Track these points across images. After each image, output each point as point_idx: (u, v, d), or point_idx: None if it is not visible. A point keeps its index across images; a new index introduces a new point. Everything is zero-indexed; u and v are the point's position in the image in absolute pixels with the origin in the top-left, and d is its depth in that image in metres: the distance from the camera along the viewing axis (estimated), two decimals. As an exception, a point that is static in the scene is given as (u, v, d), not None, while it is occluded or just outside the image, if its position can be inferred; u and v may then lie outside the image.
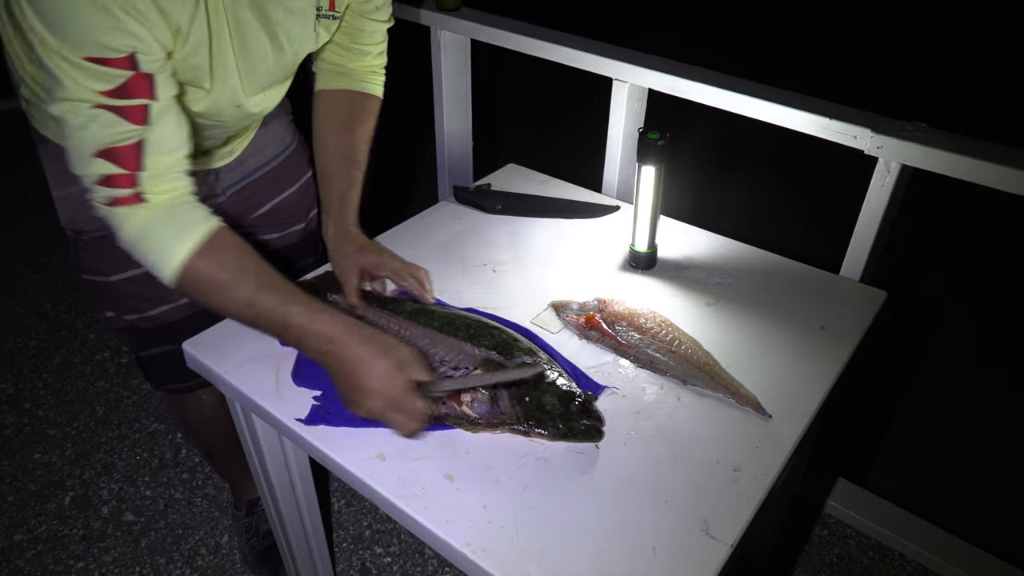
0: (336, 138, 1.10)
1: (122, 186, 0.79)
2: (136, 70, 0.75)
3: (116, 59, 0.74)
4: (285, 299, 0.83)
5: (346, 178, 1.07)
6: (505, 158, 1.49)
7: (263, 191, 1.24)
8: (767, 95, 1.26)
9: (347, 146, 1.09)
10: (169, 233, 0.82)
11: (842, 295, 1.11)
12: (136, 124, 0.77)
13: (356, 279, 1.03)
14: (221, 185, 1.18)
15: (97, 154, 0.77)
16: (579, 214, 1.31)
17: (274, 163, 1.24)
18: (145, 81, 0.77)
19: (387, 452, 0.85)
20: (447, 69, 1.75)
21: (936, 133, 1.15)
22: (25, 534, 1.62)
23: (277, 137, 1.24)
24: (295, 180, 1.29)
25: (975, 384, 2.07)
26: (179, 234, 0.82)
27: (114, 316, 1.15)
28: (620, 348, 0.99)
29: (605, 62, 1.43)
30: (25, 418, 1.91)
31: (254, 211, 1.25)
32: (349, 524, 1.63)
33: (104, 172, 0.78)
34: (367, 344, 0.82)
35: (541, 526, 0.76)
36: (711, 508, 0.78)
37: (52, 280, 2.43)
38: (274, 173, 1.25)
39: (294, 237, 1.32)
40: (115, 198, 0.80)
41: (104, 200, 0.80)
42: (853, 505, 1.61)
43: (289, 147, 1.27)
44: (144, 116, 0.78)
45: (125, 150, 0.78)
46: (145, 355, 1.22)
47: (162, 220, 0.82)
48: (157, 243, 0.82)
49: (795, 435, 0.87)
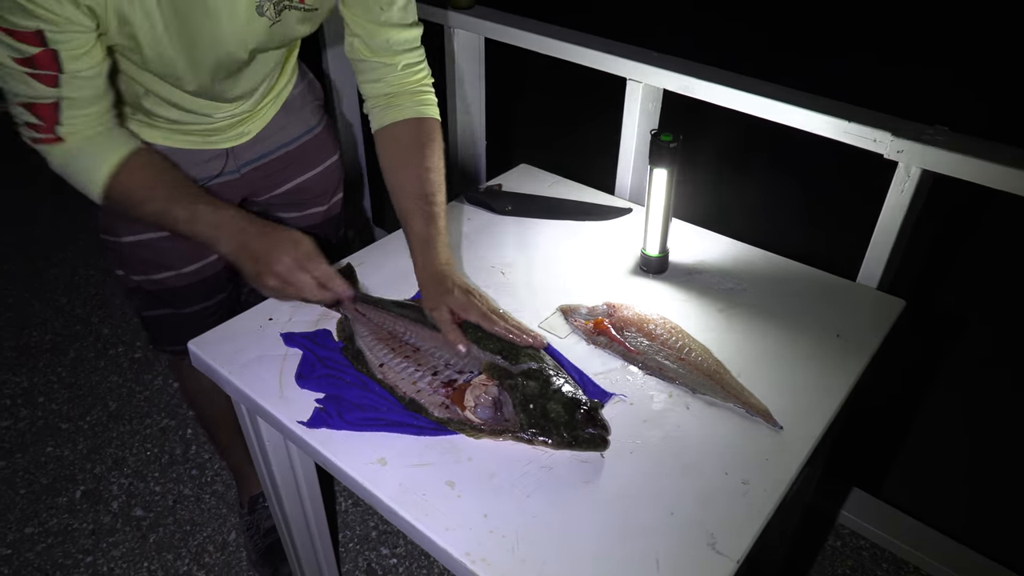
0: (402, 176, 1.05)
1: (43, 132, 0.89)
2: (44, 46, 0.82)
3: (24, 33, 0.80)
4: (195, 201, 0.95)
5: (423, 216, 1.01)
6: (520, 157, 1.48)
7: (283, 171, 1.25)
8: (784, 97, 1.24)
9: (415, 182, 1.04)
10: (90, 159, 0.93)
11: (859, 303, 1.09)
12: (48, 87, 0.85)
13: (448, 316, 0.96)
14: (236, 162, 1.19)
15: (20, 104, 0.87)
16: (590, 216, 1.30)
17: (295, 144, 1.25)
18: (51, 56, 0.83)
19: (388, 457, 0.84)
20: (460, 68, 1.74)
21: (958, 137, 1.12)
22: (36, 527, 1.63)
23: (300, 120, 1.24)
24: (319, 163, 1.29)
25: (994, 395, 2.03)
26: (99, 159, 0.93)
27: (123, 275, 1.21)
28: (629, 354, 0.97)
29: (619, 61, 1.41)
30: (39, 411, 1.93)
31: (272, 189, 1.26)
32: (356, 524, 1.62)
33: (26, 120, 0.88)
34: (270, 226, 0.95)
35: (543, 537, 0.75)
36: (718, 521, 0.76)
37: (69, 275, 2.46)
38: (295, 154, 1.25)
39: (316, 218, 1.33)
40: (36, 139, 0.90)
41: (28, 138, 0.91)
42: (868, 516, 1.58)
43: (313, 130, 1.27)
44: (54, 82, 0.85)
45: (43, 107, 0.87)
46: (148, 315, 1.27)
47: (82, 150, 0.93)
48: (81, 170, 0.94)
49: (807, 447, 0.84)
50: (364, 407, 0.89)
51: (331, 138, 1.32)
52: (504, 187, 1.36)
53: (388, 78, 1.07)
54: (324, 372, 0.95)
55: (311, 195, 1.30)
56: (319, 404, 0.90)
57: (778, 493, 0.79)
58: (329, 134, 1.31)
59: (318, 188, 1.30)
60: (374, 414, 0.88)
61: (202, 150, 1.14)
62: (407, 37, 1.06)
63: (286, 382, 0.95)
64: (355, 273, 1.14)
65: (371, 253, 1.21)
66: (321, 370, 0.95)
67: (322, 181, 1.31)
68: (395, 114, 1.07)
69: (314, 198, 1.31)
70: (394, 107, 1.08)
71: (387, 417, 0.88)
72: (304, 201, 1.30)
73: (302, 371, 0.95)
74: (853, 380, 0.94)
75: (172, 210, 0.94)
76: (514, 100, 3.69)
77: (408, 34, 1.06)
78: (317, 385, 0.93)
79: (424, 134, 1.07)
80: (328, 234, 1.36)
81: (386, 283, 1.12)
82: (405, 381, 0.91)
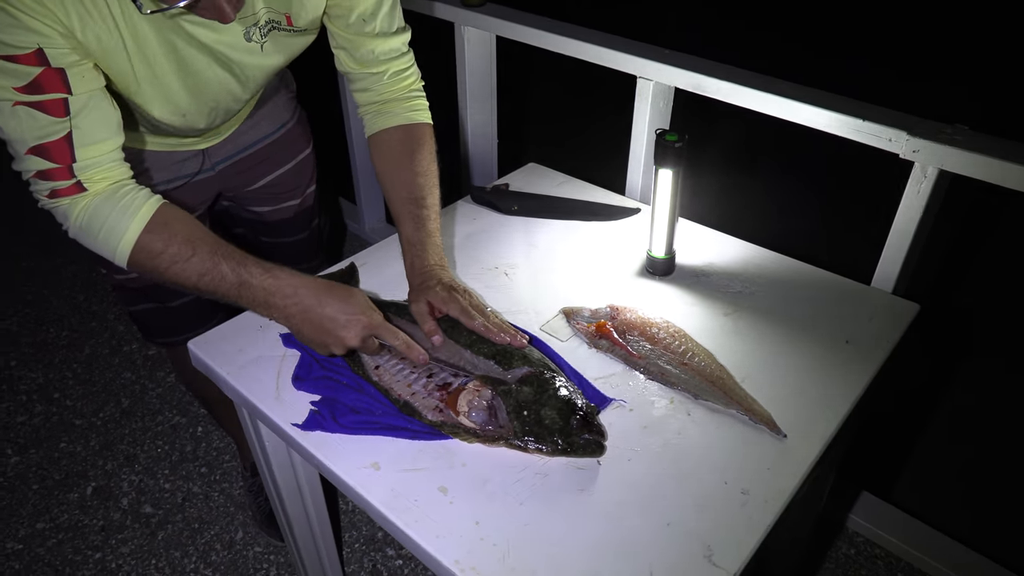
0: (394, 180, 1.05)
1: (60, 179, 0.83)
2: (46, 65, 0.78)
3: (23, 55, 0.76)
4: (240, 262, 0.88)
5: (412, 220, 1.01)
6: (532, 155, 1.46)
7: (257, 167, 1.25)
8: (797, 95, 1.20)
9: (405, 186, 1.04)
10: (116, 214, 0.85)
11: (871, 307, 1.05)
12: (57, 117, 0.80)
13: (425, 308, 0.95)
14: (211, 160, 1.19)
15: (29, 151, 0.81)
16: (597, 216, 1.27)
17: (268, 140, 1.25)
18: (57, 76, 0.79)
19: (382, 461, 0.82)
20: (471, 66, 1.72)
21: (979, 136, 1.08)
22: (47, 523, 1.64)
23: (273, 115, 1.24)
24: (291, 157, 1.29)
25: (1010, 402, 1.97)
26: (125, 214, 0.86)
27: (106, 273, 1.21)
28: (630, 359, 0.95)
29: (629, 59, 1.38)
30: (53, 407, 1.95)
31: (246, 185, 1.26)
32: (362, 525, 1.62)
33: (39, 167, 0.82)
34: (327, 289, 0.89)
35: (534, 546, 0.73)
36: (715, 533, 0.74)
37: (87, 272, 2.48)
38: (268, 150, 1.25)
39: (288, 212, 1.33)
40: (55, 190, 0.83)
41: (45, 193, 0.84)
42: (882, 524, 1.54)
43: (286, 124, 1.27)
44: (64, 109, 0.80)
45: (55, 145, 0.81)
46: (134, 310, 1.27)
47: (106, 203, 0.86)
48: (105, 225, 0.86)
49: (810, 457, 0.82)
50: (359, 410, 0.88)
51: (304, 131, 1.32)
52: (512, 186, 1.34)
53: (376, 87, 1.07)
54: (321, 374, 0.94)
55: (285, 189, 1.30)
56: (314, 407, 0.89)
57: (779, 504, 0.77)
58: (302, 128, 1.31)
59: (292, 182, 1.31)
60: (369, 417, 0.87)
61: (177, 151, 1.14)
62: (392, 46, 1.04)
63: (283, 384, 0.94)
64: (357, 273, 1.14)
65: (373, 254, 1.20)
66: (318, 371, 0.94)
67: (296, 175, 1.31)
68: (385, 121, 1.08)
69: (288, 192, 1.31)
70: (384, 114, 1.08)
71: (381, 421, 0.86)
72: (278, 195, 1.31)
73: (299, 372, 0.95)
74: (861, 388, 0.91)
75: (220, 266, 0.87)
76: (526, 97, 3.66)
77: (393, 42, 1.04)
78: (314, 387, 0.93)
79: (413, 139, 1.07)
80: (301, 224, 1.37)
81: (388, 284, 1.11)
82: (400, 383, 0.89)
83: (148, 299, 1.23)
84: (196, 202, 1.21)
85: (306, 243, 1.40)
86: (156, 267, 0.87)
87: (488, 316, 0.94)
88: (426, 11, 1.68)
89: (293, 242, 1.38)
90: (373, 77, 1.06)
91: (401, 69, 1.07)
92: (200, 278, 0.87)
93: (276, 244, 1.37)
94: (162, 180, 1.14)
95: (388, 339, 0.90)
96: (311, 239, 1.41)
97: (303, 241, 1.39)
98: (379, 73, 1.06)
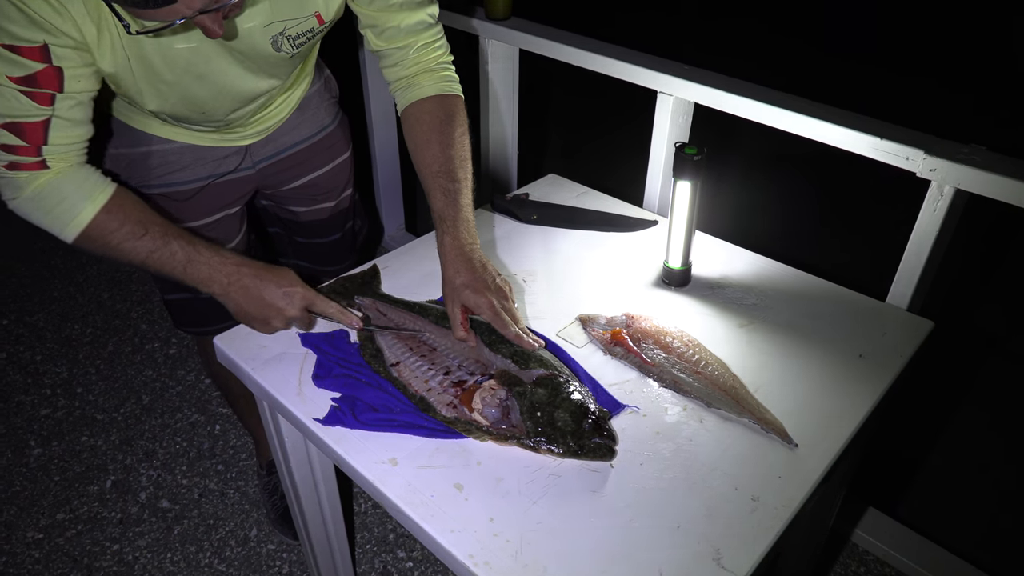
0: (425, 154, 1.04)
1: (25, 155, 0.87)
2: (49, 63, 0.81)
3: (29, 49, 0.79)
4: (190, 242, 0.95)
5: (443, 193, 1.00)
6: (552, 166, 1.48)
7: (295, 168, 1.28)
8: (816, 112, 1.22)
9: (436, 160, 1.02)
10: (74, 194, 0.90)
11: (885, 323, 1.06)
12: (42, 105, 0.84)
13: (460, 313, 0.96)
14: (252, 159, 1.22)
15: (2, 125, 0.84)
16: (615, 227, 1.29)
17: (307, 143, 1.27)
18: (54, 74, 0.82)
19: (399, 457, 0.85)
20: (494, 78, 1.75)
21: (996, 157, 1.09)
22: (67, 513, 1.68)
23: (314, 118, 1.27)
24: (329, 160, 1.32)
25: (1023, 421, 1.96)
26: (84, 195, 0.91)
27: None
28: (644, 366, 0.97)
29: (650, 74, 1.41)
30: (76, 402, 1.99)
31: (284, 185, 1.29)
32: (374, 526, 1.64)
33: (7, 142, 0.85)
34: (264, 268, 0.97)
35: (546, 543, 0.75)
36: (725, 537, 0.75)
37: (111, 271, 2.53)
38: (307, 152, 1.28)
39: (323, 213, 1.36)
40: (16, 163, 0.87)
41: (3, 163, 0.87)
42: (893, 543, 1.53)
43: (326, 128, 1.30)
44: (49, 101, 0.84)
45: (31, 126, 0.85)
46: (169, 298, 1.31)
47: (66, 182, 0.90)
48: (61, 203, 0.90)
49: (821, 467, 0.83)
50: (378, 408, 0.91)
51: (344, 135, 1.34)
52: (531, 196, 1.37)
53: (404, 61, 1.07)
54: (341, 372, 0.96)
55: (321, 191, 1.33)
56: (335, 403, 0.92)
57: (789, 511, 0.78)
58: (342, 131, 1.34)
59: (328, 184, 1.33)
60: (387, 415, 0.89)
61: (220, 147, 1.17)
62: (418, 18, 1.04)
63: (305, 380, 0.96)
64: (379, 275, 1.16)
65: (399, 257, 1.22)
66: (338, 370, 0.97)
67: (332, 178, 1.33)
68: (416, 93, 1.07)
69: (323, 193, 1.34)
70: (415, 87, 1.07)
71: (399, 418, 0.89)
72: (314, 196, 1.33)
73: (318, 372, 0.97)
74: (873, 401, 0.92)
75: (170, 244, 0.95)
76: (547, 110, 3.69)
77: (419, 15, 1.04)
78: (334, 385, 0.95)
79: (445, 111, 1.05)
80: (336, 225, 1.39)
81: (412, 286, 1.14)
82: (418, 379, 0.92)
83: (183, 289, 1.26)
84: (234, 197, 1.24)
85: (339, 244, 1.42)
86: (108, 243, 0.93)
87: (519, 321, 0.96)
88: (451, 23, 1.72)
89: (326, 243, 1.40)
90: (401, 51, 1.06)
91: (429, 41, 1.07)
92: (149, 255, 0.95)
93: (309, 244, 1.40)
94: (203, 175, 1.17)
95: (322, 308, 0.98)
96: (344, 241, 1.43)
97: (336, 243, 1.41)
98: (406, 47, 1.05)
